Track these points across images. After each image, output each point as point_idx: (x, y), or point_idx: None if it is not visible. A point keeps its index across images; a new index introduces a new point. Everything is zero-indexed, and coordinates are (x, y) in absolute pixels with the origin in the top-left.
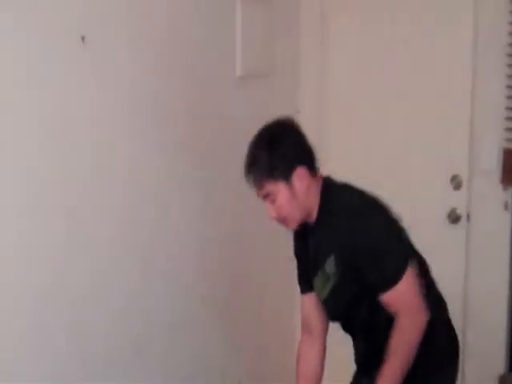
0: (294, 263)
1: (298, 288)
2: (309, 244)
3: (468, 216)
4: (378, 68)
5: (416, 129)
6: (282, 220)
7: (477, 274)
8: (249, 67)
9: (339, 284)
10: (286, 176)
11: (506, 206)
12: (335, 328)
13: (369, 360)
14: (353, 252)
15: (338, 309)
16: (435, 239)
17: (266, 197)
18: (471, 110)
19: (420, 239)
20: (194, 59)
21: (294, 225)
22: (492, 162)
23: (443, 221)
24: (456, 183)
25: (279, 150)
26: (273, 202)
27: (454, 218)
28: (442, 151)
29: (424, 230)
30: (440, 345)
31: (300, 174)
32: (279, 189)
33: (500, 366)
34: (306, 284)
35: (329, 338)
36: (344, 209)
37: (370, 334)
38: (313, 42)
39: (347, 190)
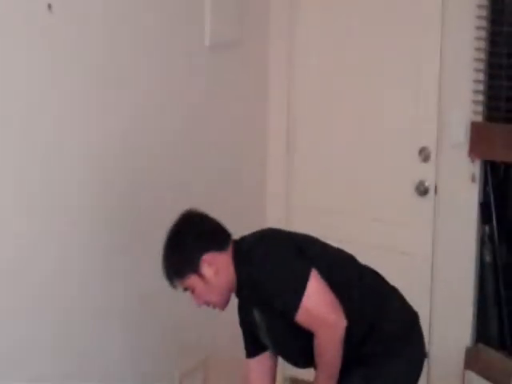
0: None
1: None
2: (242, 308)
3: (436, 188)
4: (348, 40)
5: (385, 102)
6: (208, 305)
7: (444, 246)
8: (218, 36)
9: (270, 327)
10: (193, 269)
11: (473, 179)
12: None
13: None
14: (260, 295)
15: (282, 345)
16: (403, 211)
17: (185, 290)
18: (439, 83)
19: (388, 211)
20: (162, 27)
21: (222, 305)
22: (460, 135)
23: (411, 193)
24: (424, 156)
25: (180, 249)
26: (193, 291)
27: (422, 190)
28: (411, 124)
29: (392, 202)
30: (388, 335)
31: (207, 261)
32: (191, 282)
33: (467, 338)
34: (250, 348)
35: None
36: (248, 270)
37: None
38: (282, 8)
39: (251, 248)
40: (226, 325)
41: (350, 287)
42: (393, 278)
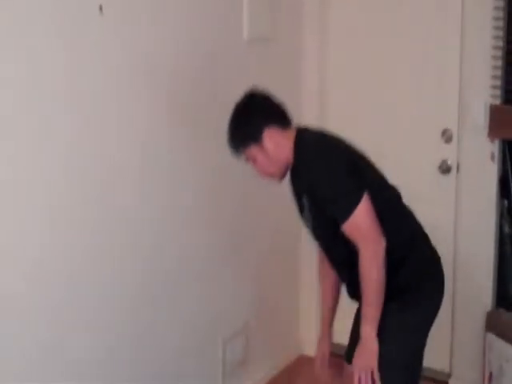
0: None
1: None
2: (293, 189)
3: (458, 167)
4: (375, 33)
5: (411, 88)
6: (267, 176)
7: (466, 220)
8: (255, 31)
9: (314, 219)
10: (256, 140)
11: (492, 157)
12: None
13: (353, 289)
14: (314, 191)
15: (321, 241)
16: (428, 188)
17: (248, 161)
18: (460, 69)
19: (413, 188)
20: (206, 25)
21: (279, 178)
22: (480, 117)
23: (435, 171)
24: (447, 137)
25: (245, 121)
26: (254, 162)
27: (444, 168)
28: (434, 108)
29: (417, 180)
30: (418, 270)
31: (269, 135)
32: (253, 152)
33: (488, 303)
34: None
35: None
36: (307, 155)
37: (349, 265)
38: (314, 9)
39: (313, 137)
40: (262, 295)
41: (390, 218)
42: None
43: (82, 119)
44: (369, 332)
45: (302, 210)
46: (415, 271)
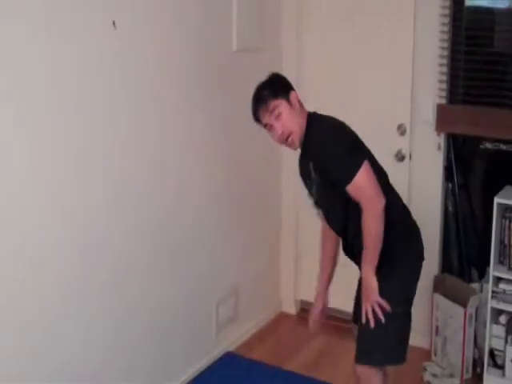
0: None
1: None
2: (301, 164)
3: (410, 155)
4: (342, 42)
5: (371, 90)
6: (287, 135)
7: (417, 200)
8: (243, 43)
9: (319, 185)
10: (285, 95)
11: (439, 148)
12: None
13: (351, 250)
14: (321, 161)
15: (325, 206)
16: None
17: (270, 118)
18: (412, 75)
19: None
20: (198, 36)
21: (297, 140)
22: (429, 114)
23: (392, 159)
24: (401, 130)
25: (276, 83)
26: (278, 117)
27: (399, 157)
28: (391, 106)
29: None
30: (399, 238)
31: (294, 96)
32: (281, 103)
33: (435, 269)
34: None
35: None
36: (318, 132)
37: (348, 225)
38: (291, 21)
39: (323, 118)
40: (252, 261)
41: (384, 189)
42: None
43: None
44: (369, 273)
45: (307, 184)
46: (401, 234)
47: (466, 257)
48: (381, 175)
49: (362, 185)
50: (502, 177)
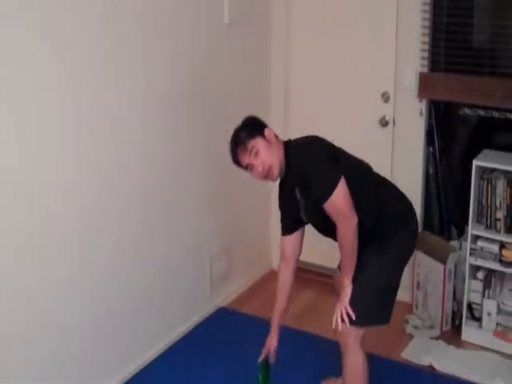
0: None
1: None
2: (285, 191)
3: (394, 121)
4: (330, 17)
5: (357, 59)
6: (267, 170)
7: (400, 163)
8: (233, 16)
9: (306, 206)
10: (261, 133)
11: (421, 114)
12: None
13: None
14: (302, 181)
15: (316, 223)
16: (371, 138)
17: (250, 158)
18: (396, 44)
19: (360, 138)
20: (190, 9)
21: (277, 172)
22: (411, 82)
23: (376, 125)
24: (385, 98)
25: (250, 125)
26: (256, 155)
27: (383, 122)
28: (376, 75)
29: (363, 132)
30: (391, 218)
31: (269, 132)
32: (258, 141)
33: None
34: (285, 228)
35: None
36: (295, 155)
37: (333, 233)
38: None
39: (299, 142)
40: (243, 221)
41: (365, 190)
42: None
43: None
44: (345, 281)
45: (296, 203)
46: (389, 225)
47: (446, 216)
48: (362, 171)
49: (336, 204)
50: (480, 141)
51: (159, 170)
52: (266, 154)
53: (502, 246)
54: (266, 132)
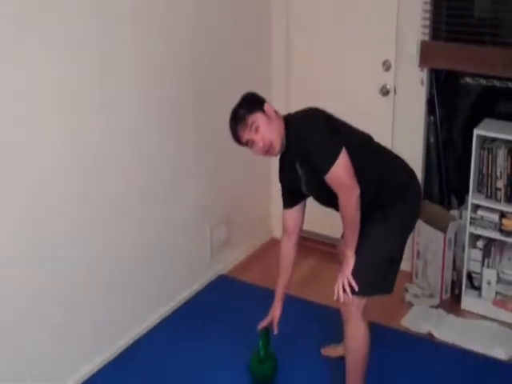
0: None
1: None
2: (285, 166)
3: (395, 90)
4: None
5: (359, 28)
6: (268, 146)
7: (401, 132)
8: None
9: (307, 179)
10: (260, 108)
11: (422, 82)
12: None
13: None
14: (302, 155)
15: (316, 195)
16: (372, 107)
17: (250, 134)
18: (397, 12)
19: (361, 107)
20: None
21: (278, 147)
22: (413, 50)
23: (377, 94)
24: (386, 66)
25: (249, 101)
26: (257, 130)
27: (384, 91)
28: (377, 44)
29: (364, 100)
30: (394, 188)
31: (268, 107)
32: (258, 116)
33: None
34: (286, 202)
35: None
36: (295, 129)
37: (335, 205)
38: None
39: (299, 115)
40: (244, 189)
41: (366, 161)
42: None
43: None
44: (348, 253)
45: (297, 178)
46: (392, 195)
47: (447, 185)
48: (363, 141)
49: (338, 175)
50: (481, 110)
51: (163, 134)
52: (267, 129)
53: (502, 215)
54: (266, 107)
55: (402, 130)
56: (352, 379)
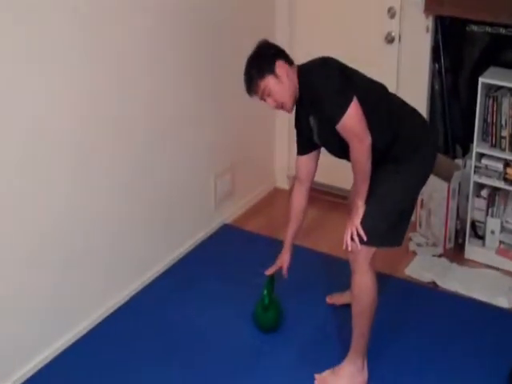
0: None
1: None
2: (300, 115)
3: (400, 37)
4: None
5: None
6: (281, 106)
7: (405, 80)
8: None
9: (320, 131)
10: (271, 70)
11: (427, 29)
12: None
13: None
14: (315, 105)
15: (328, 145)
16: (377, 55)
17: (263, 95)
18: None
19: (366, 55)
20: None
21: (290, 106)
22: None
23: (382, 41)
24: (391, 13)
25: (259, 59)
26: (269, 94)
27: (389, 39)
28: None
29: (369, 48)
30: (408, 140)
31: (279, 66)
32: (269, 81)
33: None
34: (300, 149)
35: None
36: (308, 80)
37: (347, 155)
38: None
39: (311, 65)
40: (248, 139)
41: (379, 111)
42: None
43: None
44: (359, 202)
45: (309, 129)
46: (405, 147)
47: (451, 134)
48: (377, 92)
49: (349, 124)
50: (486, 58)
51: (164, 82)
52: (278, 93)
53: (507, 164)
54: (277, 69)
55: (407, 78)
56: (358, 327)
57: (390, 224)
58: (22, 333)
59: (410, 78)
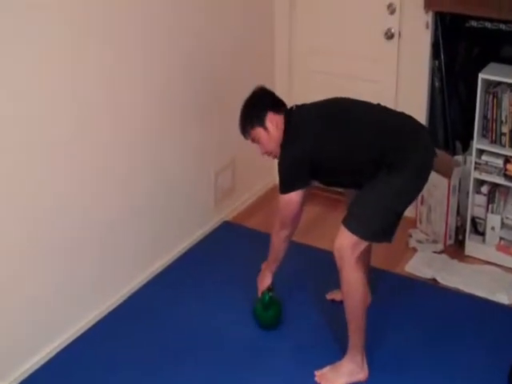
0: None
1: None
2: None
3: (399, 34)
4: None
5: None
6: (268, 154)
7: (405, 76)
8: None
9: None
10: (261, 123)
11: (427, 26)
12: None
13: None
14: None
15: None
16: (376, 51)
17: (254, 141)
18: None
19: (366, 51)
20: None
21: (277, 154)
22: None
23: (381, 37)
24: (391, 9)
25: (252, 111)
26: (258, 142)
27: (389, 35)
28: None
29: (368, 45)
30: (393, 160)
31: (269, 119)
32: (258, 132)
33: None
34: (302, 182)
35: None
36: (284, 144)
37: (357, 185)
38: None
39: (293, 123)
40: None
41: (361, 150)
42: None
43: None
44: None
45: None
46: (394, 158)
47: (451, 130)
48: (366, 130)
49: (281, 205)
50: (486, 54)
51: (165, 79)
52: (266, 143)
53: (507, 160)
54: (267, 122)
55: (407, 74)
56: (353, 323)
57: (379, 218)
58: (20, 332)
59: (409, 74)
